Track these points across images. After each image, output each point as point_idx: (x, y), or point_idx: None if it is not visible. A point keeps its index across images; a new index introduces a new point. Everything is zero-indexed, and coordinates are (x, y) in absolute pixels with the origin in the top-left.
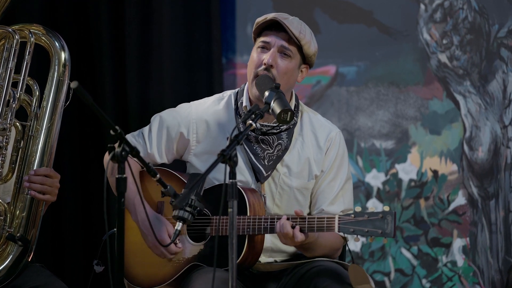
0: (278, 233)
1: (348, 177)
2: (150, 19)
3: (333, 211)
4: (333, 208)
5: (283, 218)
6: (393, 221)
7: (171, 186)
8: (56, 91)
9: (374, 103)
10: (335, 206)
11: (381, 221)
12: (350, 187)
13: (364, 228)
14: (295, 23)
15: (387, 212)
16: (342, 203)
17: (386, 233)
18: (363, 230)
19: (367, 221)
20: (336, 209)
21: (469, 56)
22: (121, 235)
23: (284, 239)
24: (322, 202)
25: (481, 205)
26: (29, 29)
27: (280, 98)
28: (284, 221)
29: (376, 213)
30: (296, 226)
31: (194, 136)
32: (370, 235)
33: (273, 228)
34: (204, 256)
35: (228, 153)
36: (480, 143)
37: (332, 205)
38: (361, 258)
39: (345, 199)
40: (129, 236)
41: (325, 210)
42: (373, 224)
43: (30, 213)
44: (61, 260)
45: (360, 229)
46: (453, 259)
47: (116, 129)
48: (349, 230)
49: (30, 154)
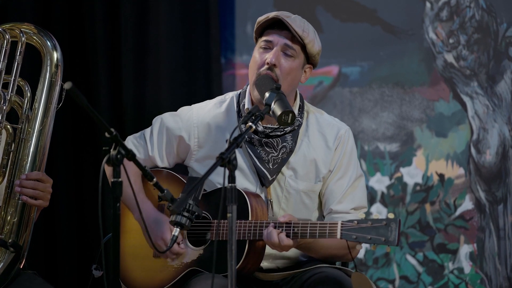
0: (266, 242)
1: (358, 175)
2: (146, 17)
3: (342, 209)
4: (341, 207)
5: (270, 226)
6: (397, 229)
7: (168, 190)
8: (48, 92)
9: (378, 105)
10: (344, 204)
11: (385, 229)
12: (362, 184)
13: (367, 235)
14: (297, 21)
15: (391, 220)
16: (351, 200)
17: (389, 241)
18: (366, 237)
19: (370, 228)
20: (344, 207)
21: (476, 56)
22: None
23: (273, 246)
24: (331, 201)
25: (488, 210)
26: (20, 28)
27: (281, 99)
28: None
29: (380, 220)
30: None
31: (195, 141)
32: (373, 243)
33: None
34: (203, 261)
35: (227, 156)
36: (488, 146)
37: (340, 204)
38: (365, 264)
39: (355, 196)
40: (127, 239)
41: (334, 210)
42: (377, 231)
43: (21, 219)
44: (54, 267)
45: (363, 236)
46: (460, 266)
47: (111, 132)
48: (352, 236)
49: (21, 157)
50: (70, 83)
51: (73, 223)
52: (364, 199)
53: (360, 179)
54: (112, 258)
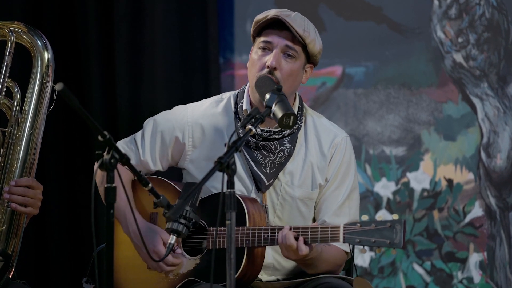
0: (281, 245)
1: (354, 186)
2: (141, 15)
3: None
4: (337, 221)
5: (285, 228)
6: (403, 230)
7: (164, 196)
8: (39, 94)
9: (384, 107)
10: (340, 217)
11: (389, 231)
12: (357, 196)
13: (371, 238)
14: (298, 20)
15: (396, 221)
16: (348, 214)
17: (394, 244)
18: (370, 240)
19: (374, 231)
20: (340, 221)
21: (486, 56)
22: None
23: (287, 251)
24: (325, 212)
25: (499, 217)
26: (9, 27)
27: (282, 101)
28: (286, 232)
29: (384, 221)
30: (300, 237)
31: (190, 141)
32: (378, 246)
33: (274, 239)
34: (200, 271)
35: (226, 160)
36: (499, 149)
37: (337, 217)
38: (370, 274)
39: (351, 209)
40: (120, 251)
41: (328, 222)
42: (381, 233)
43: (11, 227)
44: (45, 276)
45: (367, 239)
46: (469, 275)
47: (104, 135)
48: (355, 240)
49: (10, 163)
50: (61, 84)
51: (65, 231)
52: (358, 213)
53: (355, 190)
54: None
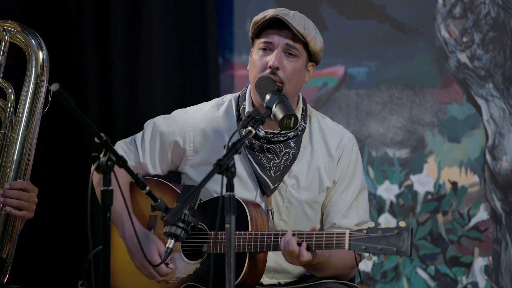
0: (283, 251)
1: (362, 187)
2: (138, 14)
3: (346, 225)
4: (346, 222)
5: (288, 234)
6: (410, 238)
7: (162, 200)
8: (34, 94)
9: (387, 108)
10: (349, 219)
11: (396, 238)
12: (365, 197)
13: (377, 246)
14: (297, 18)
15: (403, 228)
16: (356, 215)
17: (401, 251)
18: (377, 248)
19: (381, 238)
20: (349, 222)
21: (491, 56)
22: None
23: (289, 257)
24: (334, 215)
25: (505, 221)
26: (3, 26)
27: (282, 102)
28: (289, 238)
29: (391, 229)
30: (303, 243)
31: (191, 146)
32: (384, 253)
33: (276, 245)
34: (200, 276)
35: (225, 162)
36: (504, 152)
37: (346, 218)
38: (373, 279)
39: (359, 210)
40: (117, 254)
41: (337, 224)
42: (388, 241)
43: (5, 231)
44: (41, 281)
45: (373, 246)
46: (474, 280)
47: (101, 137)
48: (361, 247)
49: (4, 165)
50: (57, 85)
51: (60, 235)
52: (367, 213)
53: (364, 191)
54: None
